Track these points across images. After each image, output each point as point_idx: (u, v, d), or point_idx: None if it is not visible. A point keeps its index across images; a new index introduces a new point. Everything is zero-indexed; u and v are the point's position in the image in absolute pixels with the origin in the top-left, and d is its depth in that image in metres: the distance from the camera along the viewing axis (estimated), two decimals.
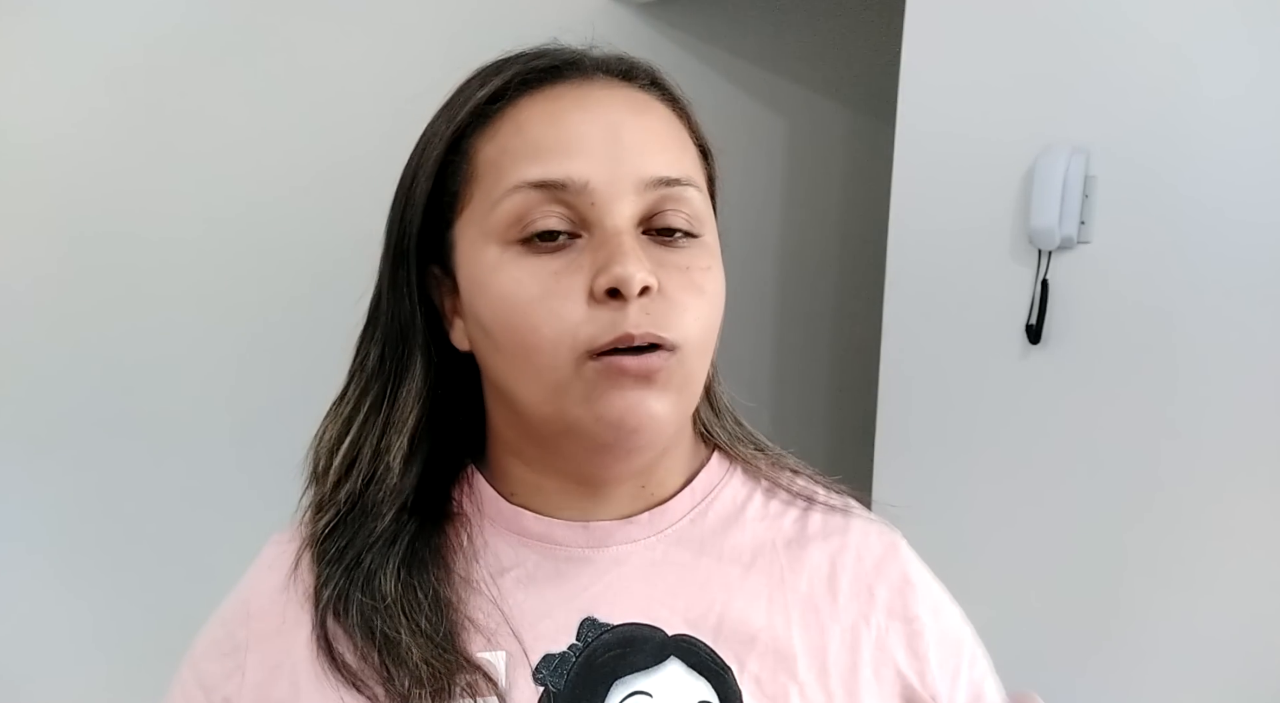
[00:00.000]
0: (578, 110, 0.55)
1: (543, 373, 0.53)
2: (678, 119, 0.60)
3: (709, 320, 0.56)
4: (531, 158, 0.54)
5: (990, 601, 1.49)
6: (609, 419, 0.53)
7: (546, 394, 0.54)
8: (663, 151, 0.56)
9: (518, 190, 0.54)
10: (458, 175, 0.57)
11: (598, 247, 0.53)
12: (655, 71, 0.60)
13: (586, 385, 0.53)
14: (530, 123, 0.55)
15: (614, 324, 0.52)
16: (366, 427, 0.60)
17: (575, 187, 0.53)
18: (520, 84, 0.56)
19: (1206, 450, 1.32)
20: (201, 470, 1.52)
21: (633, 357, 0.52)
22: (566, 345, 0.52)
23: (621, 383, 0.52)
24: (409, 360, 0.60)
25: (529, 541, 0.60)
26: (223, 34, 1.49)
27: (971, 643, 0.65)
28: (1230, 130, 1.28)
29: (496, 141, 0.56)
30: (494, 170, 0.55)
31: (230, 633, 0.61)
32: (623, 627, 0.58)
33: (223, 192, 1.51)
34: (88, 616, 1.45)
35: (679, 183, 0.55)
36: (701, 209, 0.57)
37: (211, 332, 1.52)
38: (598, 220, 0.53)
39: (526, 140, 0.55)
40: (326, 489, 0.61)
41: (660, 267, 0.54)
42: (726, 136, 0.63)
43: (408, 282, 0.60)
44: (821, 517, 0.66)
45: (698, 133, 0.61)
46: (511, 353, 0.55)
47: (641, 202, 0.54)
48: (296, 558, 0.61)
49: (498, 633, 0.57)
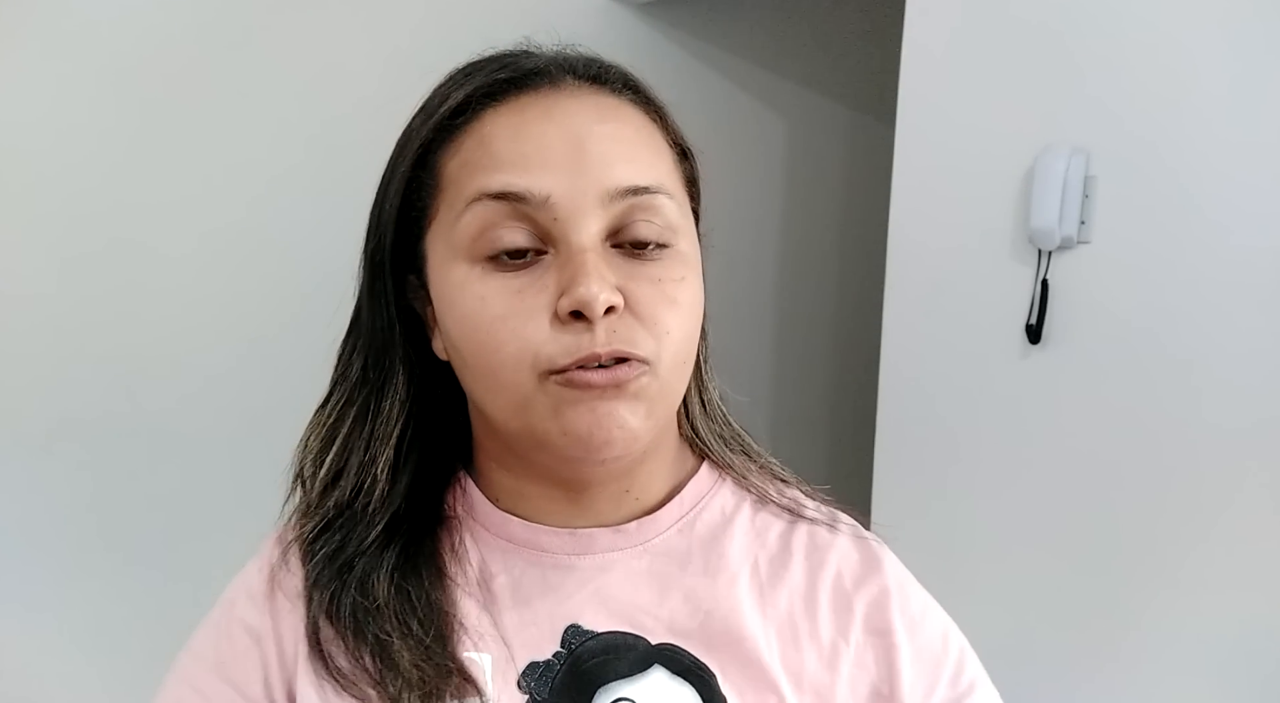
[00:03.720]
0: (541, 121, 0.54)
1: (507, 389, 0.53)
2: (651, 122, 0.58)
3: (684, 331, 0.55)
4: (492, 169, 0.53)
5: (990, 600, 1.49)
6: (576, 433, 0.52)
7: (513, 410, 0.54)
8: (631, 160, 0.54)
9: (478, 202, 0.53)
10: (424, 190, 0.57)
11: (562, 265, 0.52)
12: (628, 73, 0.59)
13: (551, 400, 0.52)
14: (493, 136, 0.54)
15: (578, 346, 0.51)
16: (351, 438, 0.60)
17: (536, 200, 0.52)
18: (483, 97, 0.55)
19: (1206, 450, 1.32)
20: (201, 471, 1.52)
21: (599, 372, 0.52)
22: (528, 364, 0.52)
23: (587, 396, 0.52)
24: (390, 372, 0.60)
25: (516, 547, 0.60)
26: (222, 36, 1.49)
27: (955, 658, 0.63)
28: (1230, 131, 1.28)
29: (460, 155, 0.55)
30: (456, 184, 0.55)
31: (247, 626, 0.60)
32: (607, 634, 0.58)
33: (223, 192, 1.51)
34: (88, 616, 1.45)
35: (648, 191, 0.54)
36: (674, 217, 0.55)
37: (211, 332, 1.52)
38: (562, 236, 0.52)
39: (488, 152, 0.54)
40: (314, 497, 0.60)
41: (630, 280, 0.53)
42: (726, 137, 0.63)
43: (385, 293, 0.59)
44: (807, 531, 0.65)
45: (675, 134, 0.60)
46: (477, 369, 0.54)
47: (608, 214, 0.53)
48: (284, 556, 0.60)
49: (485, 638, 0.57)
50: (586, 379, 0.51)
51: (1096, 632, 1.42)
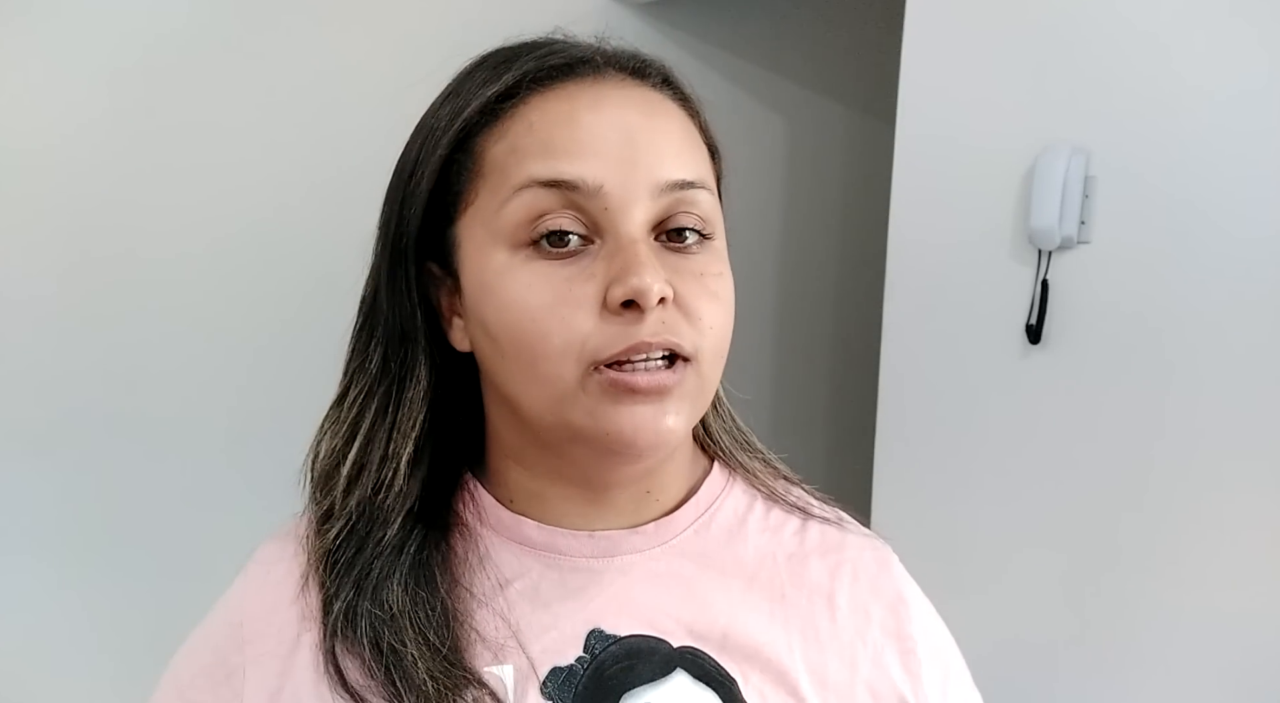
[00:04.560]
0: (592, 111, 0.54)
1: (548, 381, 0.52)
2: (689, 118, 0.58)
3: (724, 327, 0.55)
4: (543, 156, 0.52)
5: (989, 600, 1.49)
6: (619, 436, 0.52)
7: (551, 403, 0.53)
8: (676, 155, 0.55)
9: (527, 189, 0.52)
10: (463, 173, 0.55)
11: (611, 255, 0.52)
12: (667, 70, 0.59)
13: (592, 400, 0.52)
14: (543, 122, 0.54)
15: (625, 335, 0.51)
16: (374, 431, 0.58)
17: (588, 189, 0.52)
18: (532, 82, 0.55)
19: (1205, 449, 1.32)
20: (201, 471, 1.52)
21: (645, 375, 0.51)
22: (574, 355, 0.51)
23: (632, 400, 0.51)
24: (413, 362, 0.58)
25: (532, 550, 0.59)
26: (222, 37, 1.49)
27: (957, 659, 0.66)
28: (1230, 131, 1.28)
29: (506, 140, 0.54)
30: (502, 169, 0.54)
31: (222, 659, 0.58)
32: (629, 639, 0.57)
33: (223, 193, 1.51)
34: (88, 616, 1.45)
35: (693, 185, 0.54)
36: (712, 211, 0.56)
37: (212, 332, 1.52)
38: (611, 226, 0.52)
39: (538, 139, 0.53)
40: (337, 497, 0.58)
41: (675, 274, 0.53)
42: (726, 137, 0.63)
43: (406, 280, 0.58)
44: (819, 529, 0.65)
45: (707, 132, 0.60)
46: (516, 359, 0.53)
47: (655, 206, 0.53)
48: (304, 576, 0.58)
49: (505, 647, 0.56)
50: (632, 382, 0.51)
51: (1096, 632, 1.42)
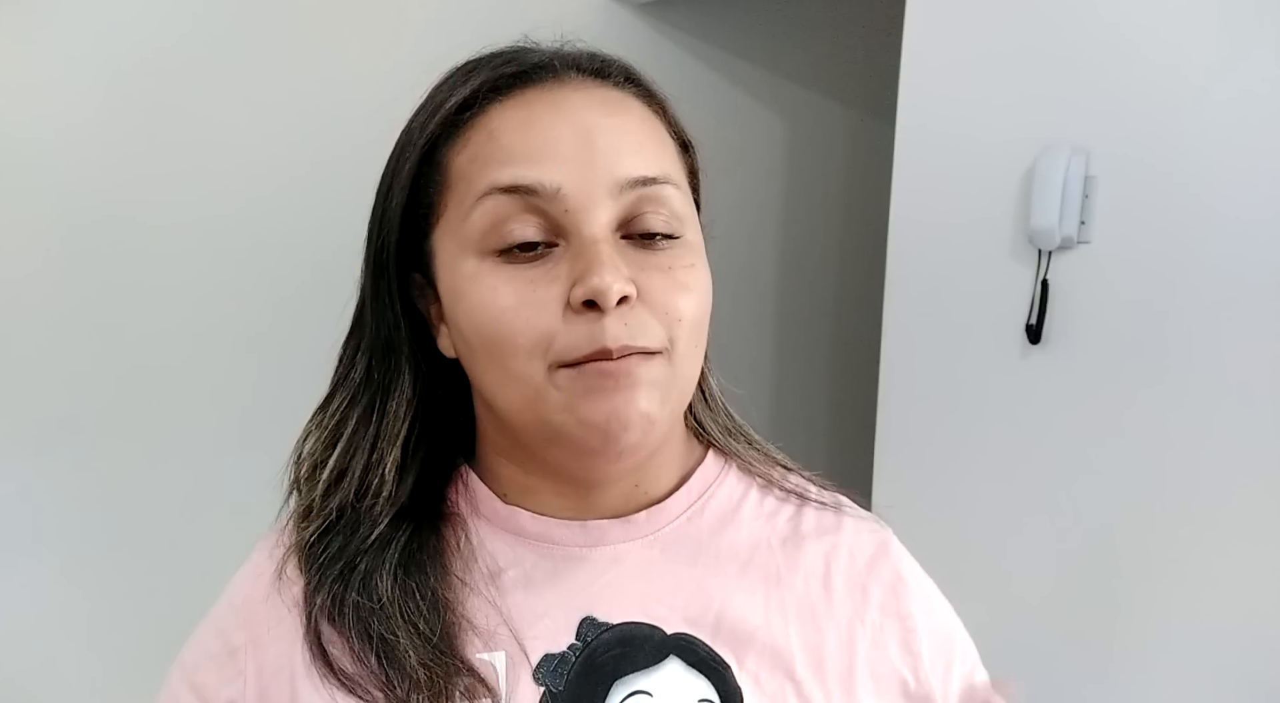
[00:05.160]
0: (549, 114, 0.54)
1: (520, 380, 0.53)
2: (654, 115, 0.59)
3: (697, 316, 0.56)
4: (503, 163, 0.53)
5: (989, 599, 1.49)
6: (594, 423, 0.52)
7: (526, 402, 0.54)
8: (637, 151, 0.55)
9: (489, 196, 0.53)
10: (431, 186, 0.57)
11: (574, 256, 0.52)
12: (629, 67, 0.60)
13: (564, 393, 0.52)
14: (502, 130, 0.55)
15: (591, 337, 0.51)
16: (356, 439, 0.60)
17: (547, 192, 0.52)
18: (490, 91, 0.56)
19: (1206, 450, 1.32)
20: (201, 471, 1.52)
21: (613, 361, 0.52)
22: (540, 354, 0.52)
23: (603, 385, 0.52)
24: (397, 372, 0.60)
25: (526, 540, 0.60)
26: (221, 35, 1.49)
27: (962, 636, 0.66)
28: (1230, 131, 1.28)
29: (468, 150, 0.55)
30: (466, 179, 0.55)
31: (225, 640, 0.59)
32: (622, 626, 0.58)
33: (222, 193, 1.51)
34: (88, 616, 1.45)
35: (656, 181, 0.54)
36: (681, 207, 0.56)
37: (212, 332, 1.52)
38: (574, 227, 0.53)
39: (498, 146, 0.54)
40: (315, 498, 0.60)
41: (641, 270, 0.53)
42: (726, 136, 0.63)
43: (389, 292, 0.59)
44: (815, 514, 0.66)
45: (676, 127, 0.61)
46: (489, 361, 0.54)
47: (618, 206, 0.54)
48: (281, 564, 0.59)
49: (496, 634, 0.56)
50: (601, 368, 0.52)
51: (1095, 631, 1.42)
